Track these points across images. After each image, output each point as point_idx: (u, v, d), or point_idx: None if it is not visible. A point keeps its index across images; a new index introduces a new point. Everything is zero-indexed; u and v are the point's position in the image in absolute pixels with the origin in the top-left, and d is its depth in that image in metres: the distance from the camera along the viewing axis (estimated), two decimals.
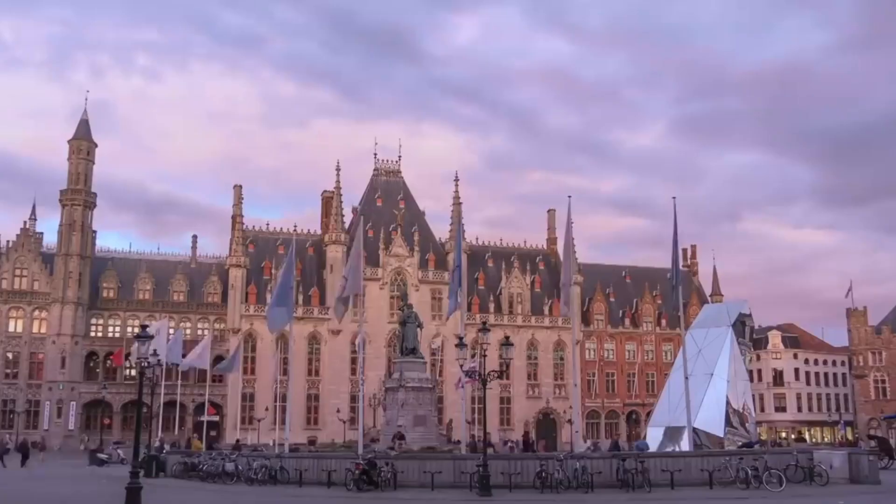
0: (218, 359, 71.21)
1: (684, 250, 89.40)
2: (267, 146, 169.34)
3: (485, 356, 27.12)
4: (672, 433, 35.99)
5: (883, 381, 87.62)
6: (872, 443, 61.84)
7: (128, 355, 68.61)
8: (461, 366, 29.54)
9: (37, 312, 73.74)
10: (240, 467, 30.13)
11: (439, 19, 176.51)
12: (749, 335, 43.12)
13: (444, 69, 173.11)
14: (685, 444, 32.52)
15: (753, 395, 55.16)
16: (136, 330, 37.14)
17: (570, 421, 70.25)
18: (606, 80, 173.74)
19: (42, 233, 78.93)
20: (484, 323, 34.13)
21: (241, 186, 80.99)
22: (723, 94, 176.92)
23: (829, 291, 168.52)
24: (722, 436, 36.03)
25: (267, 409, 69.21)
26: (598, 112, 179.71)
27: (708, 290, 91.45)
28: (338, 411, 70.91)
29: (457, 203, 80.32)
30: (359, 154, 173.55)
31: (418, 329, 39.71)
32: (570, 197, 31.59)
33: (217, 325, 77.08)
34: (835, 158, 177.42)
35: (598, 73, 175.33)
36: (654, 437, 38.34)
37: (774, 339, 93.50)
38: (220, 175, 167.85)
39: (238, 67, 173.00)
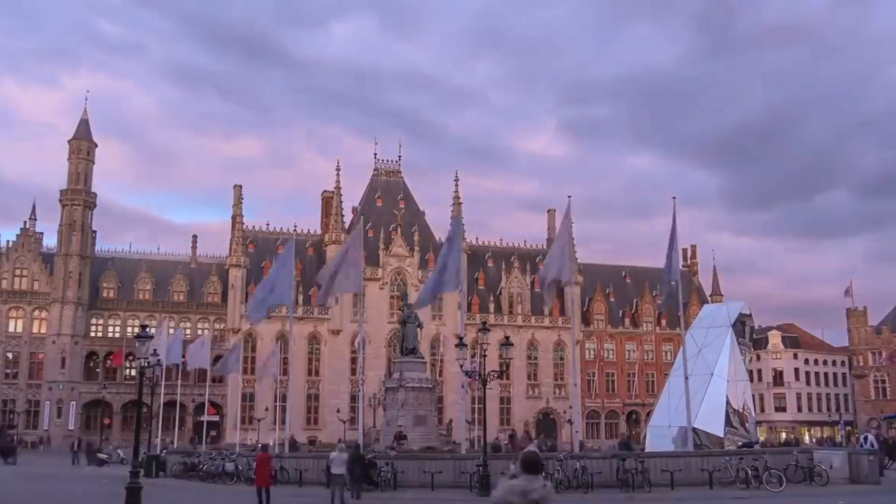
0: (218, 359, 71.37)
1: (684, 250, 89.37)
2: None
3: (485, 356, 27.12)
4: (675, 433, 36.00)
5: (883, 381, 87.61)
6: None
7: (128, 355, 68.79)
8: (461, 366, 29.53)
9: (37, 312, 73.77)
10: (240, 467, 30.15)
11: (305, 30, 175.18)
12: (749, 335, 43.12)
13: (325, 78, 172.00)
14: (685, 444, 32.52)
15: (753, 395, 55.15)
16: (136, 330, 37.11)
17: (570, 421, 70.26)
18: (477, 86, 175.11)
19: (42, 233, 79.08)
20: (484, 323, 34.15)
21: (240, 186, 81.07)
22: (600, 100, 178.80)
23: (769, 296, 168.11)
24: (722, 436, 36.03)
25: (267, 409, 69.19)
26: (482, 118, 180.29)
27: (708, 290, 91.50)
28: (338, 411, 70.90)
29: (457, 203, 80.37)
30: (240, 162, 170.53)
31: (418, 329, 39.72)
32: (569, 197, 31.56)
33: (217, 325, 77.10)
34: (728, 162, 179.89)
35: (469, 79, 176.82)
36: (654, 437, 38.37)
37: (774, 339, 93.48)
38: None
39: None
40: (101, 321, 76.02)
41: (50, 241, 77.06)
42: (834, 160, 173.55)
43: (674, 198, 32.57)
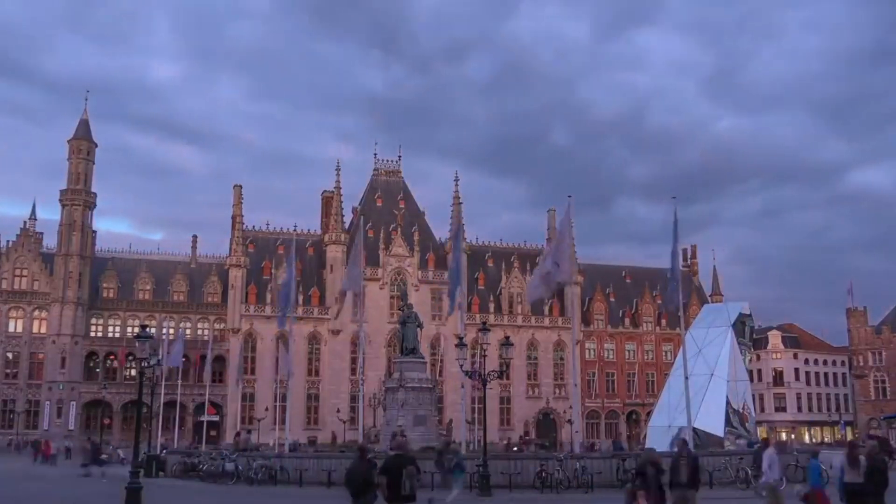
0: (218, 359, 71.40)
1: (684, 250, 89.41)
2: None
3: (485, 356, 27.13)
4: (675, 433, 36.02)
5: (883, 381, 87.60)
6: (871, 443, 61.78)
7: (128, 355, 68.80)
8: (461, 366, 29.54)
9: (37, 312, 73.75)
10: (240, 467, 30.14)
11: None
12: (749, 335, 43.20)
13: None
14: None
15: (753, 395, 55.20)
16: (136, 330, 37.11)
17: (570, 421, 70.27)
18: (224, 99, 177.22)
19: (42, 233, 78.98)
20: (484, 323, 34.14)
21: (240, 186, 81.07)
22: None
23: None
24: (722, 436, 36.08)
25: (267, 408, 69.24)
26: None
27: (708, 290, 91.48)
28: (338, 411, 70.94)
29: (457, 203, 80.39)
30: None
31: (418, 329, 39.69)
32: (570, 196, 31.52)
33: (217, 325, 77.08)
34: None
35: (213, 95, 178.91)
36: (654, 437, 38.39)
37: (774, 339, 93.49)
38: None
39: None
40: (101, 321, 75.98)
41: (50, 241, 77.16)
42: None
43: (673, 197, 32.52)
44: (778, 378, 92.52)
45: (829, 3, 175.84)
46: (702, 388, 36.53)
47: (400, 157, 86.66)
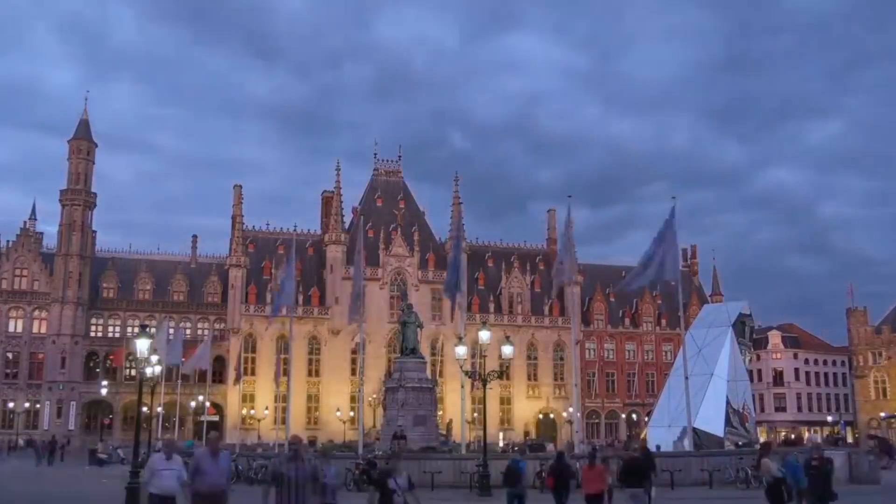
0: (218, 359, 71.45)
1: (684, 250, 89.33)
2: None
3: (485, 356, 27.14)
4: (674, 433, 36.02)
5: (883, 381, 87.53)
6: (872, 443, 61.88)
7: (128, 355, 68.75)
8: (461, 366, 29.54)
9: (37, 312, 73.75)
10: (240, 467, 30.12)
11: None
12: (749, 335, 43.19)
13: None
14: (685, 444, 32.54)
15: (753, 395, 55.18)
16: (136, 330, 37.11)
17: (570, 421, 70.28)
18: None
19: (42, 233, 79.08)
20: (484, 323, 34.14)
21: (240, 186, 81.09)
22: None
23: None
24: (722, 436, 36.07)
25: (267, 409, 69.24)
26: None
27: (708, 290, 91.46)
28: (338, 411, 70.99)
29: (457, 203, 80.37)
30: None
31: (418, 329, 39.72)
32: (570, 196, 31.57)
33: (217, 325, 77.08)
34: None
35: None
36: (654, 437, 38.35)
37: (774, 339, 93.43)
38: None
39: None
40: (101, 321, 75.99)
41: (50, 241, 77.18)
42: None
43: (673, 197, 32.56)
44: (778, 378, 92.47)
45: (695, 10, 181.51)
46: (702, 388, 36.53)
47: (400, 157, 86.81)
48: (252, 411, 71.36)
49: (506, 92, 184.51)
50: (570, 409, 70.92)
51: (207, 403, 64.46)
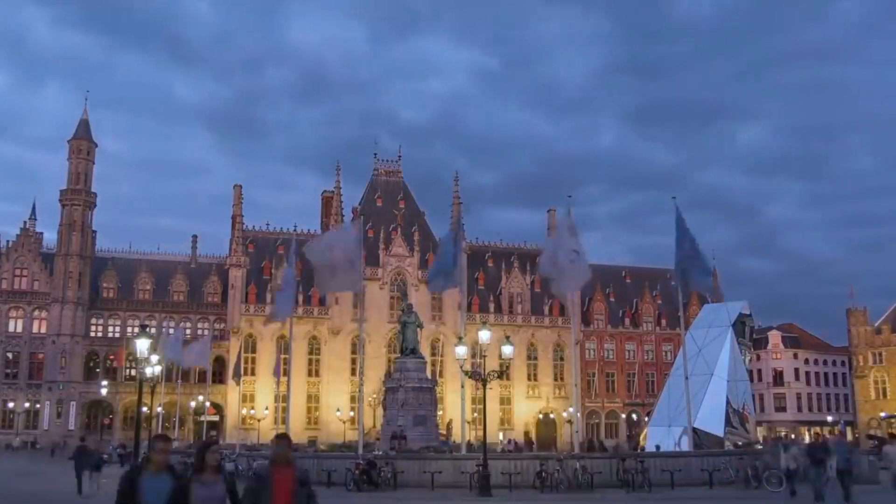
0: (218, 359, 71.44)
1: None
2: None
3: (485, 356, 27.13)
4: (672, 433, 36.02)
5: (883, 381, 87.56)
6: (872, 442, 61.88)
7: (129, 355, 68.72)
8: (461, 366, 29.53)
9: (37, 312, 73.73)
10: (240, 467, 30.12)
11: None
12: (749, 335, 43.15)
13: None
14: (685, 444, 32.53)
15: (753, 395, 55.16)
16: (136, 330, 37.14)
17: (570, 421, 70.26)
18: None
19: (42, 233, 79.06)
20: (484, 323, 34.12)
21: (240, 186, 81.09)
22: None
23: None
24: (722, 436, 36.05)
25: (267, 409, 69.22)
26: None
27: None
28: (338, 411, 70.99)
29: (457, 203, 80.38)
30: None
31: (418, 329, 39.73)
32: (569, 196, 31.56)
33: (217, 325, 77.07)
34: None
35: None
36: (654, 437, 38.37)
37: (774, 339, 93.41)
38: None
39: None
40: (101, 321, 75.98)
41: (50, 241, 77.15)
42: None
43: (673, 197, 32.53)
44: (778, 378, 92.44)
45: (594, 16, 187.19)
46: (702, 388, 36.52)
47: (400, 157, 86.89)
48: (252, 411, 71.23)
49: (427, 93, 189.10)
50: (570, 409, 70.93)
51: (207, 403, 64.47)
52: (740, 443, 36.58)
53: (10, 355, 72.80)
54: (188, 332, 74.30)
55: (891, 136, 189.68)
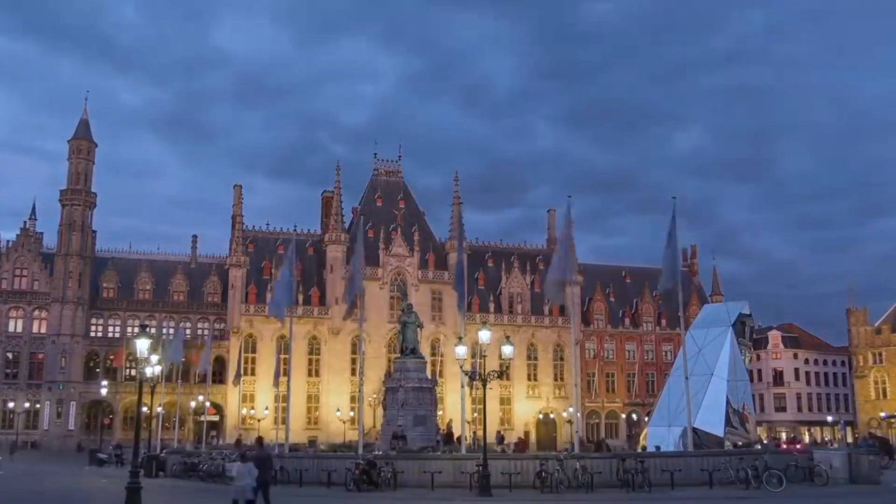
0: (218, 359, 71.41)
1: (684, 250, 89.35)
2: None
3: (485, 356, 27.11)
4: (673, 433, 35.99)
5: (883, 381, 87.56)
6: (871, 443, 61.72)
7: (129, 355, 68.73)
8: (461, 366, 29.52)
9: (37, 312, 73.71)
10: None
11: None
12: (749, 335, 43.09)
13: None
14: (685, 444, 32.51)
15: (753, 395, 55.14)
16: (136, 330, 37.14)
17: (570, 421, 70.26)
18: None
19: (42, 233, 78.97)
20: (484, 323, 34.11)
21: (240, 186, 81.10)
22: None
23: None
24: (722, 436, 36.03)
25: (267, 408, 69.21)
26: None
27: (708, 290, 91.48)
28: (338, 411, 70.98)
29: (457, 203, 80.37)
30: None
31: (418, 329, 39.69)
32: (569, 196, 31.53)
33: (217, 325, 77.07)
34: None
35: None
36: (654, 437, 38.35)
37: (774, 339, 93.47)
38: None
39: None
40: (101, 321, 75.96)
41: (50, 241, 77.12)
42: None
43: (673, 197, 32.51)
44: (778, 378, 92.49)
45: (511, 20, 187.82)
46: (702, 388, 36.49)
47: (400, 156, 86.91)
48: (252, 411, 71.25)
49: (362, 96, 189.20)
50: (570, 409, 70.99)
51: (207, 403, 64.42)
52: (740, 443, 36.56)
53: (10, 355, 72.77)
54: (188, 332, 74.38)
55: (825, 137, 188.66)
